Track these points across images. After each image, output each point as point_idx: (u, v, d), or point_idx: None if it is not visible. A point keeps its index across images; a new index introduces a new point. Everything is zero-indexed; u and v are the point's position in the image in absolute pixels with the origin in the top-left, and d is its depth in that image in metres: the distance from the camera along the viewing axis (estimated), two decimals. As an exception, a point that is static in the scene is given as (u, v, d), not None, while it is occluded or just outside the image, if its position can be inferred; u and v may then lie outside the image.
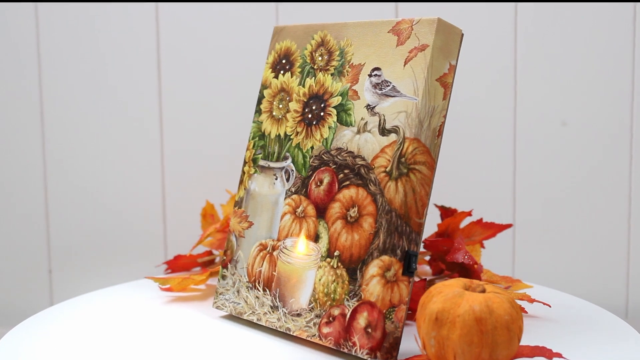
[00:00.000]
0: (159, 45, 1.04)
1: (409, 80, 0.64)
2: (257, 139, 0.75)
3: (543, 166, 1.04)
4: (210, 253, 0.93)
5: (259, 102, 0.76)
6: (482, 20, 1.02)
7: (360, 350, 0.61)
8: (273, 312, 0.69)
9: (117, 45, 1.04)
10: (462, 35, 0.66)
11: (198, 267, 0.94)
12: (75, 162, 1.06)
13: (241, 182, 0.76)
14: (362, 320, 0.62)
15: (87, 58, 1.04)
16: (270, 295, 0.70)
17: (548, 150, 1.04)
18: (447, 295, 0.57)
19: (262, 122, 0.75)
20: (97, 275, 1.06)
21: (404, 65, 0.65)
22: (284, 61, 0.75)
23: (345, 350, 0.63)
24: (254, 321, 0.71)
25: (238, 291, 0.73)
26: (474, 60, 1.01)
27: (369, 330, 0.61)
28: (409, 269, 0.62)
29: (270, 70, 0.76)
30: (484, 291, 0.58)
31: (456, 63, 0.66)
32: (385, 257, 0.62)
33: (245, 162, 0.76)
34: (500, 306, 0.56)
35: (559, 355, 0.59)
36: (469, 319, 0.55)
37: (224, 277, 0.75)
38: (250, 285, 0.72)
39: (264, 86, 0.76)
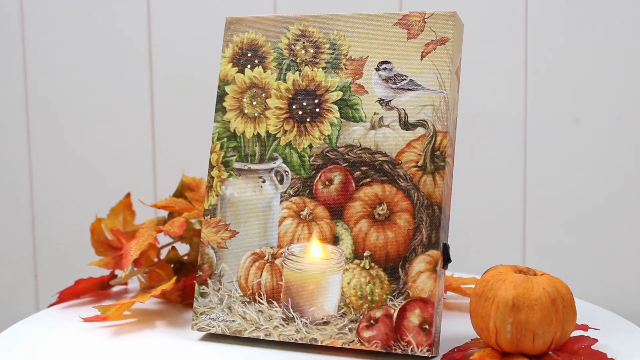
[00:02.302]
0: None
1: (431, 74, 0.64)
2: (225, 139, 0.69)
3: (555, 166, 0.98)
4: (113, 275, 0.82)
5: (221, 99, 0.70)
6: (490, 12, 0.97)
7: (418, 348, 0.60)
8: (288, 324, 0.64)
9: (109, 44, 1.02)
10: (463, 27, 0.68)
11: (85, 294, 0.82)
12: (62, 167, 1.03)
13: (210, 187, 0.69)
14: (414, 318, 0.61)
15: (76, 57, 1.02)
16: (281, 306, 0.64)
17: (560, 149, 0.97)
18: (515, 281, 0.59)
19: (229, 122, 0.69)
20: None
21: (422, 59, 0.64)
22: (249, 54, 0.69)
23: (399, 351, 0.61)
24: (261, 337, 0.64)
25: (229, 308, 0.66)
26: (483, 55, 0.96)
27: (426, 326, 0.60)
28: (448, 261, 0.63)
29: (231, 64, 0.70)
30: (535, 274, 0.61)
31: (461, 56, 0.67)
32: (433, 252, 0.61)
33: (212, 166, 0.69)
34: (562, 286, 0.59)
35: (588, 326, 0.64)
36: (547, 301, 0.58)
37: (203, 294, 0.67)
38: (248, 300, 0.65)
39: (225, 82, 0.70)
